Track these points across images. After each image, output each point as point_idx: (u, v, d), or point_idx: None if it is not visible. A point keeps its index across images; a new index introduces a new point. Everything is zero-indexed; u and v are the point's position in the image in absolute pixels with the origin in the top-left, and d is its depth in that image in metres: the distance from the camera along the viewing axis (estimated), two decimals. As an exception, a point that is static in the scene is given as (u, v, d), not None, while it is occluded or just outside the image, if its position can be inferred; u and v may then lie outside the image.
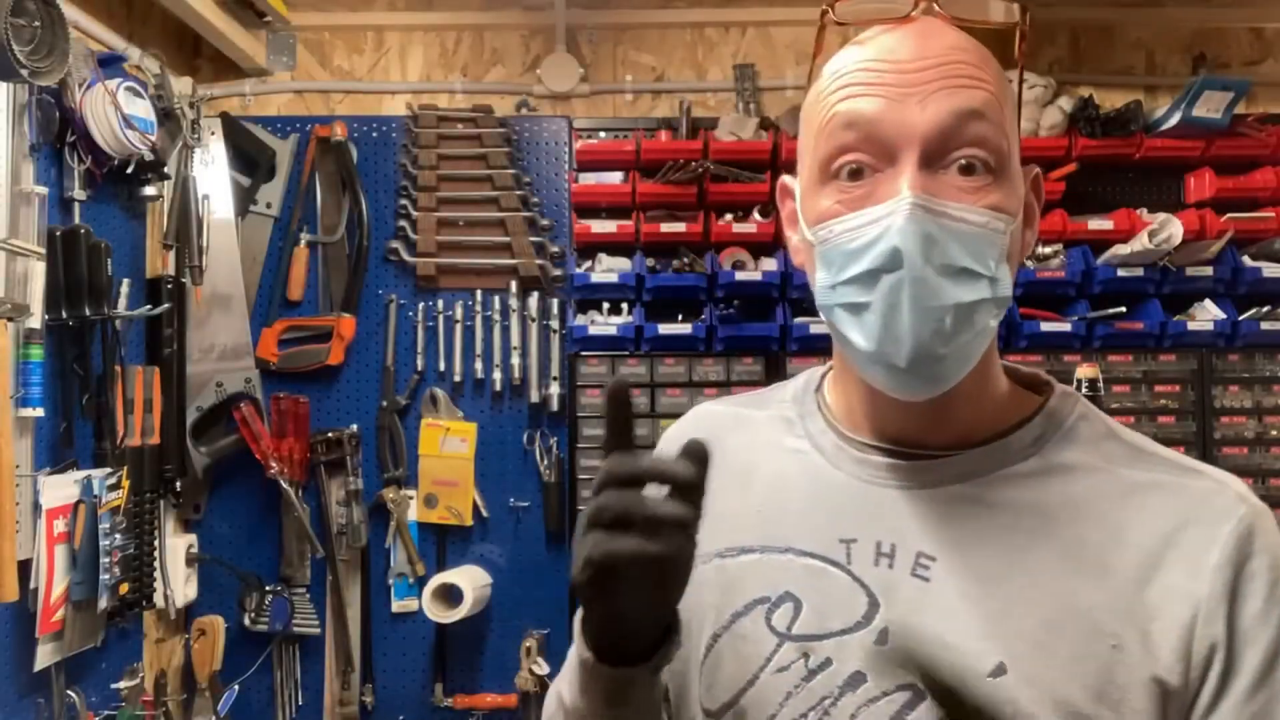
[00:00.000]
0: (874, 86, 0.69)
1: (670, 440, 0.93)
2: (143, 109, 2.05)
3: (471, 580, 2.41)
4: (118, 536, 1.99)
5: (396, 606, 2.52)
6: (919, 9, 0.73)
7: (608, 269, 2.49)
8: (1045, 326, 2.42)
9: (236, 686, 2.44)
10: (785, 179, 0.81)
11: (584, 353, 2.46)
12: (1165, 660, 0.67)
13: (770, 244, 2.48)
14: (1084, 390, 1.90)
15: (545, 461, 2.51)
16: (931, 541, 0.73)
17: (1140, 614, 0.68)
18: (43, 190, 1.84)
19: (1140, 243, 2.35)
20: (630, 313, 2.49)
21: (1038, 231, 0.77)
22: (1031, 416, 0.77)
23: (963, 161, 0.69)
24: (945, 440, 0.76)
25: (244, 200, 2.51)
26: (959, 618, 0.70)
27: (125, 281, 2.13)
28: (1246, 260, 2.45)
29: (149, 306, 2.21)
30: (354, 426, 2.51)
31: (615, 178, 2.56)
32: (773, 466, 0.82)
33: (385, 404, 2.52)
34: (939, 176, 0.69)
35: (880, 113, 0.69)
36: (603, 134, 2.61)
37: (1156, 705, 0.67)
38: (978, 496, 0.73)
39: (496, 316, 2.53)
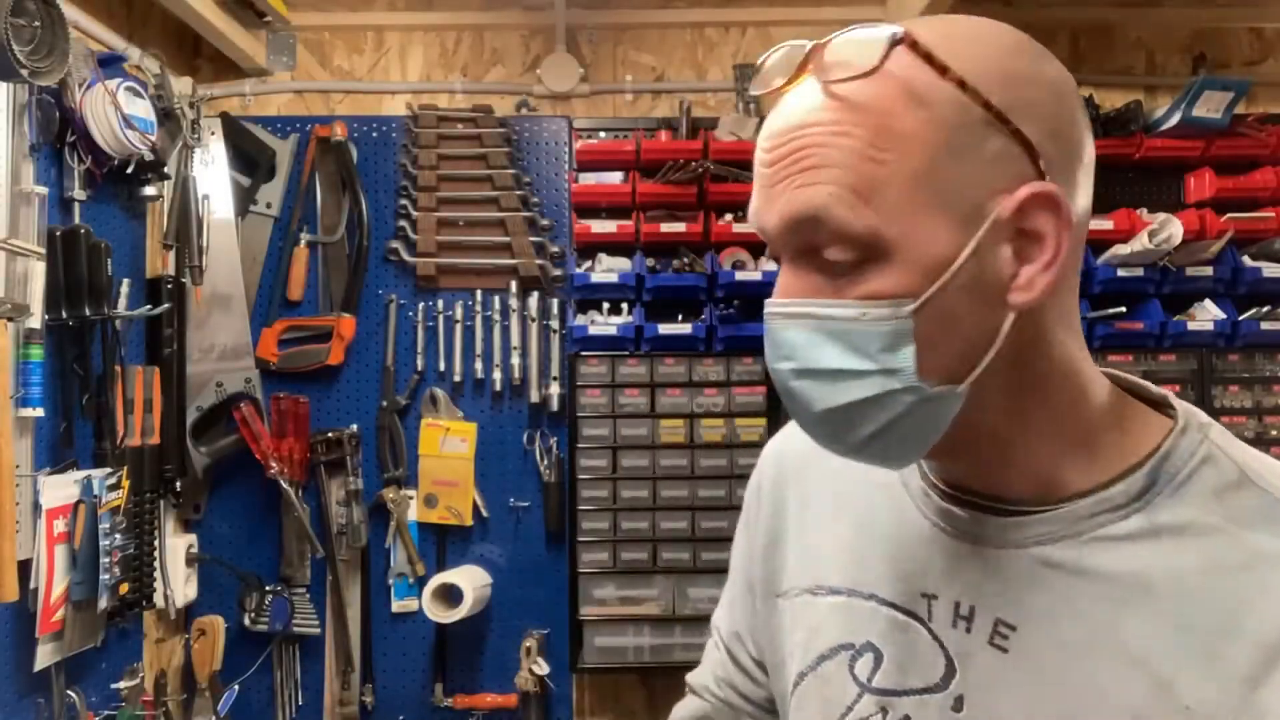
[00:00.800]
0: (760, 187, 0.67)
1: (762, 465, 0.93)
2: (143, 109, 2.05)
3: (471, 580, 2.41)
4: (118, 536, 1.99)
5: (396, 606, 2.52)
6: (802, 69, 0.65)
7: (608, 269, 2.49)
8: (1045, 326, 2.42)
9: (236, 686, 2.44)
10: None
11: (584, 353, 2.46)
12: None
13: (770, 244, 2.47)
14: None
15: (545, 461, 2.51)
16: (1012, 609, 0.66)
17: (1247, 718, 0.58)
18: (43, 190, 1.84)
19: (1140, 243, 2.35)
20: (630, 313, 2.49)
21: (1054, 265, 0.62)
22: (1144, 461, 0.65)
23: (825, 257, 0.63)
24: (1027, 491, 0.67)
25: (244, 200, 2.51)
26: (1038, 700, 0.64)
27: (125, 281, 2.13)
28: (1246, 260, 2.45)
29: (149, 306, 2.21)
30: (354, 426, 2.51)
31: (615, 178, 2.56)
32: (862, 500, 0.79)
33: (385, 404, 2.53)
34: (817, 268, 0.64)
35: (755, 214, 0.68)
36: (603, 134, 2.61)
37: None
38: (1068, 562, 0.65)
39: (496, 316, 2.53)
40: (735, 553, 0.95)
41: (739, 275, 2.40)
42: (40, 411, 1.80)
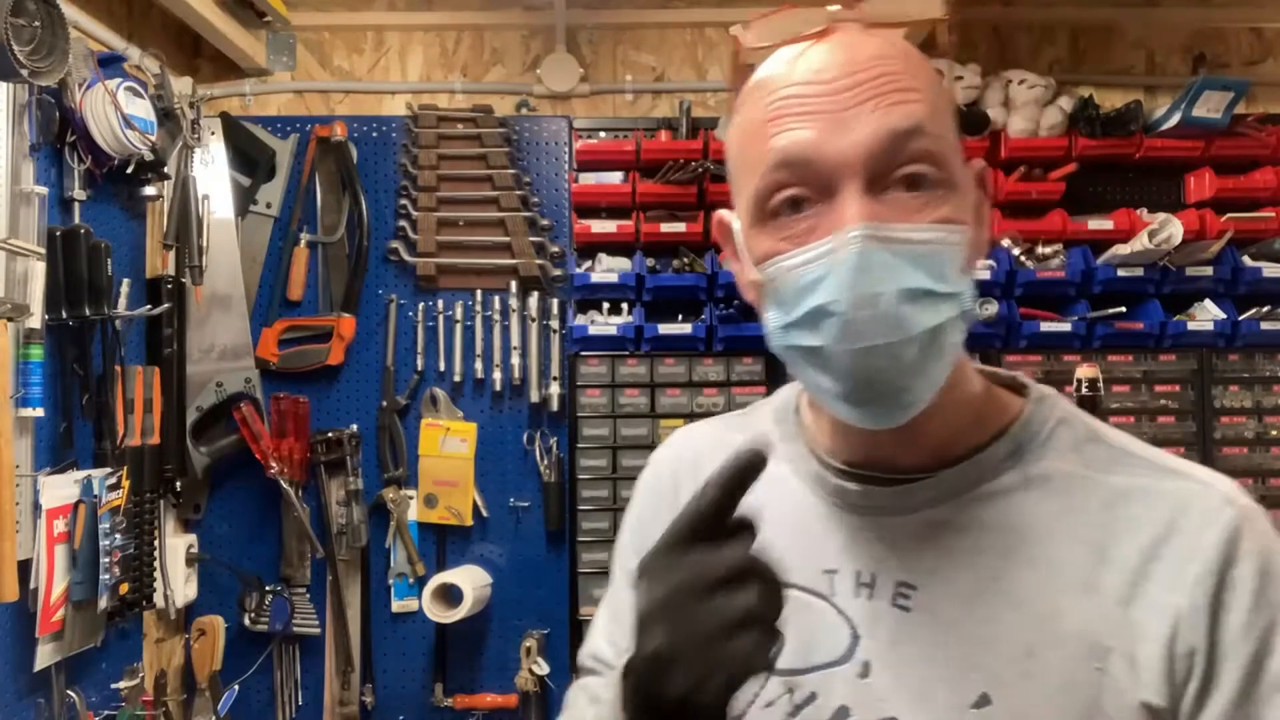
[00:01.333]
0: (804, 116, 0.65)
1: (659, 465, 0.92)
2: (143, 109, 2.05)
3: (471, 580, 2.41)
4: (118, 536, 1.99)
5: (396, 606, 2.52)
6: (833, 22, 0.68)
7: (608, 269, 2.49)
8: (1045, 326, 2.42)
9: (236, 686, 2.44)
10: (722, 214, 0.77)
11: (584, 353, 2.45)
12: (1152, 683, 0.64)
13: (770, 244, 2.47)
14: (1084, 390, 1.90)
15: (545, 461, 2.51)
16: (911, 570, 0.71)
17: (1127, 635, 0.65)
18: (43, 190, 1.84)
19: (1140, 243, 2.35)
20: (630, 313, 2.49)
21: (991, 227, 0.76)
22: (1008, 427, 0.73)
23: (908, 178, 0.65)
24: (918, 460, 0.73)
25: (244, 200, 2.51)
26: (941, 648, 0.68)
27: (125, 281, 2.13)
28: (1246, 260, 2.45)
29: (149, 306, 2.21)
30: (354, 426, 2.51)
31: (615, 178, 2.56)
32: (757, 494, 0.81)
33: (385, 404, 2.52)
34: (885, 197, 0.65)
35: (814, 144, 0.65)
36: (603, 134, 2.61)
37: None
38: (955, 519, 0.71)
39: (496, 316, 2.53)
40: (624, 555, 0.92)
41: (739, 275, 2.40)
42: (40, 411, 1.80)
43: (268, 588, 2.48)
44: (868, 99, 0.64)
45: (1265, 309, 2.43)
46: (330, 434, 2.49)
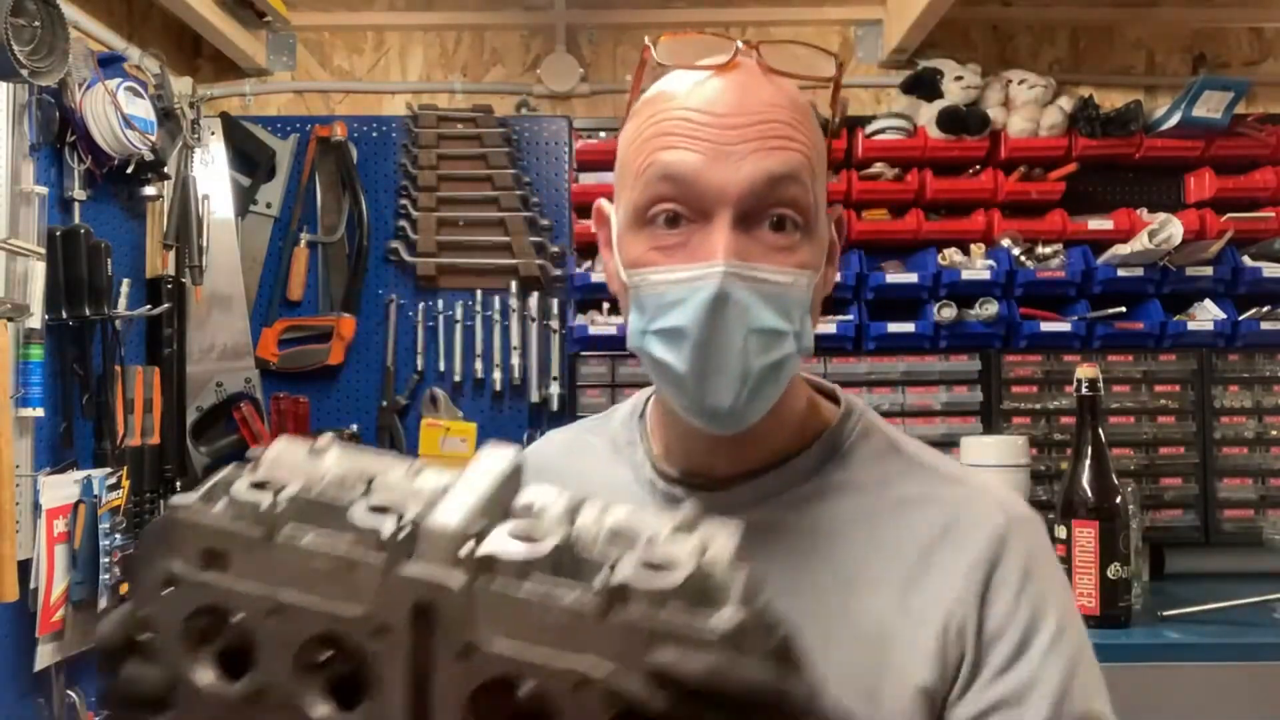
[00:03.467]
0: (693, 140, 0.70)
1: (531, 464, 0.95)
2: (143, 109, 2.05)
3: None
4: (118, 536, 1.99)
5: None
6: (737, 58, 0.73)
7: (608, 269, 2.49)
8: (1045, 326, 2.42)
9: (236, 686, 2.43)
10: (603, 203, 0.83)
11: (584, 353, 2.45)
12: (927, 664, 0.71)
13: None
14: (1084, 390, 1.90)
15: (545, 461, 2.50)
16: None
17: (904, 624, 0.72)
18: (43, 190, 1.84)
19: (1140, 243, 2.35)
20: (630, 313, 2.48)
21: (837, 268, 0.81)
22: (817, 437, 0.80)
23: (774, 218, 0.71)
24: (741, 468, 0.79)
25: (244, 200, 2.51)
26: None
27: (125, 281, 2.13)
28: (1246, 260, 2.45)
29: (149, 306, 2.20)
30: (354, 426, 2.51)
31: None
32: (606, 497, 0.84)
33: (385, 404, 2.53)
34: (752, 234, 0.70)
35: (697, 168, 0.70)
36: (603, 134, 2.61)
37: (925, 715, 0.70)
38: (766, 522, 0.76)
39: (496, 316, 2.53)
40: None
41: (739, 275, 2.39)
42: (40, 411, 1.80)
43: (268, 588, 2.48)
44: (752, 140, 0.70)
45: (1265, 309, 2.43)
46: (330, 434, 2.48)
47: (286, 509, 0.45)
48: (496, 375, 2.52)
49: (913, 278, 2.42)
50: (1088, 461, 1.88)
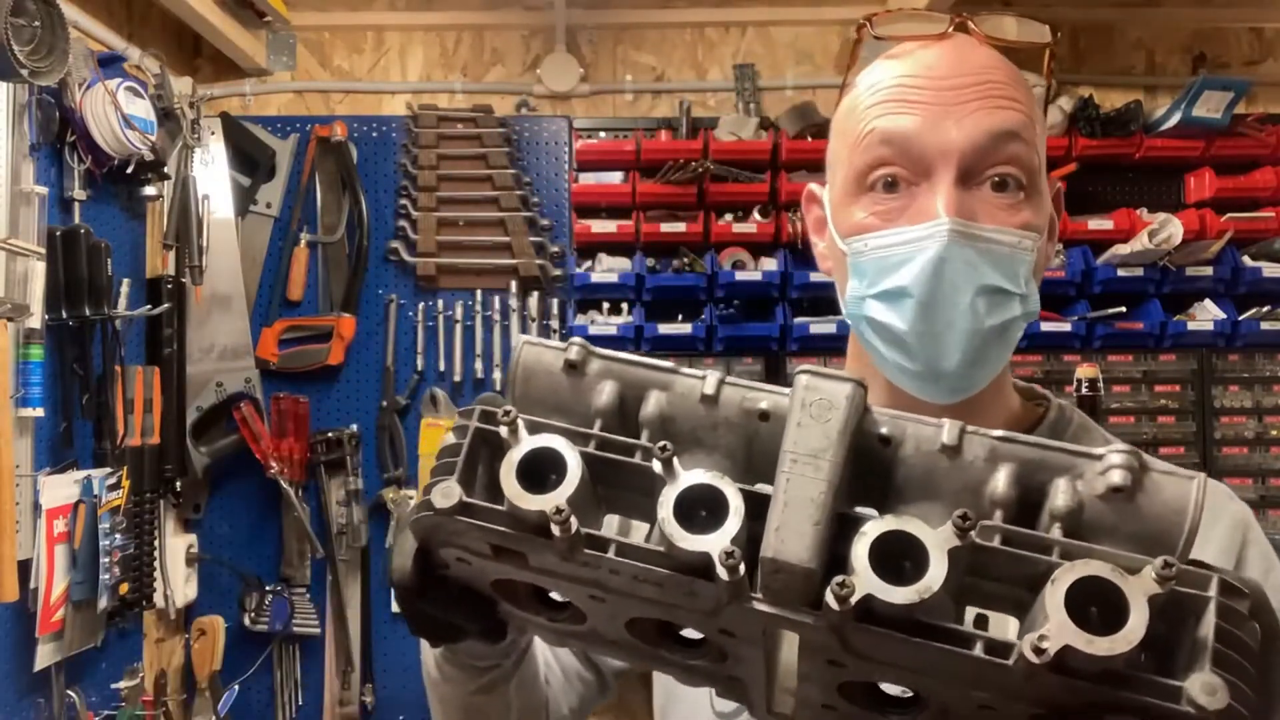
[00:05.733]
0: (912, 104, 0.70)
1: None
2: (143, 109, 2.05)
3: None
4: (118, 536, 1.99)
5: (396, 607, 2.52)
6: (953, 27, 0.74)
7: (608, 269, 2.49)
8: (1045, 326, 2.42)
9: (236, 686, 2.43)
10: (812, 187, 0.81)
11: (584, 353, 2.45)
12: None
13: (770, 244, 2.48)
14: (1084, 390, 1.91)
15: (545, 461, 2.50)
16: None
17: None
18: (43, 190, 1.84)
19: (1140, 243, 2.35)
20: (630, 313, 2.49)
21: (1057, 242, 0.79)
22: (1038, 424, 0.78)
23: (996, 178, 0.69)
24: None
25: (244, 200, 2.51)
26: None
27: (125, 281, 2.13)
28: (1246, 260, 2.45)
29: (149, 306, 2.21)
30: (354, 426, 2.51)
31: (615, 178, 2.56)
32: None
33: (385, 404, 2.52)
34: (973, 193, 0.69)
35: (918, 129, 0.69)
36: (603, 134, 2.61)
37: None
38: None
39: (496, 316, 2.53)
40: None
41: (739, 275, 2.40)
42: (40, 411, 1.80)
43: (268, 588, 2.48)
44: (972, 100, 0.69)
45: (1265, 309, 2.43)
46: (330, 434, 2.48)
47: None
48: (496, 375, 2.52)
49: (913, 278, 2.42)
50: (1088, 461, 1.87)
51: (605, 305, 2.51)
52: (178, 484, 2.33)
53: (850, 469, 0.46)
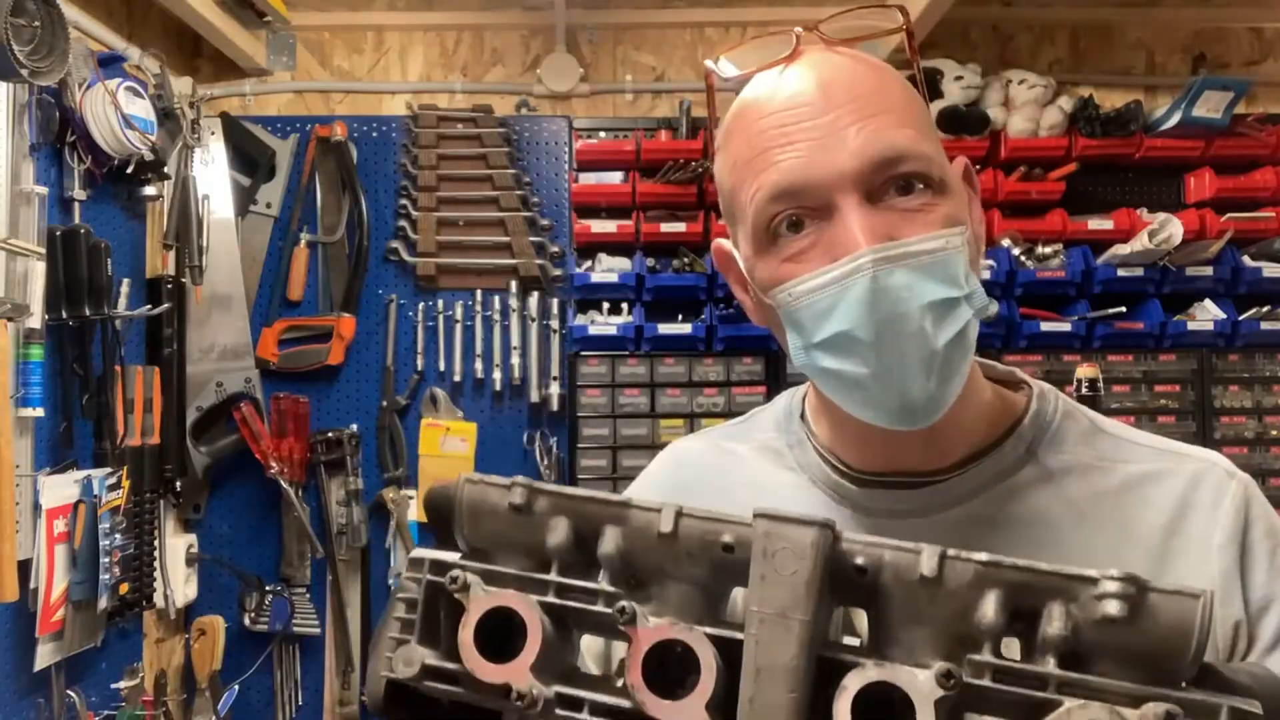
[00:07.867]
0: (790, 145, 0.66)
1: (649, 480, 0.90)
2: (143, 109, 2.05)
3: (471, 580, 2.41)
4: (118, 536, 1.99)
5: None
6: (799, 45, 0.70)
7: (608, 269, 2.49)
8: (1045, 326, 2.42)
9: (236, 686, 2.43)
10: (720, 243, 0.77)
11: (584, 353, 2.45)
12: None
13: (770, 244, 2.48)
14: (1084, 390, 1.90)
15: (545, 461, 2.51)
16: None
17: None
18: (43, 190, 1.84)
19: (1140, 243, 2.35)
20: (630, 313, 2.49)
21: (983, 220, 0.75)
22: (1018, 422, 0.75)
23: (901, 181, 0.66)
24: (938, 462, 0.73)
25: (244, 200, 2.51)
26: None
27: (125, 281, 2.13)
28: (1246, 260, 2.45)
29: (149, 306, 2.21)
30: (354, 426, 2.51)
31: (615, 178, 2.56)
32: (774, 504, 0.82)
33: (385, 404, 2.53)
34: (883, 207, 0.65)
35: (804, 168, 0.65)
36: (603, 134, 2.61)
37: None
38: (984, 516, 0.72)
39: (496, 316, 2.53)
40: None
41: (739, 275, 2.40)
42: (40, 411, 1.80)
43: (268, 588, 2.48)
44: (849, 124, 0.65)
45: (1265, 309, 2.43)
46: (330, 434, 2.48)
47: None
48: (496, 375, 2.52)
49: (913, 278, 2.42)
50: (1088, 461, 1.87)
51: (605, 305, 2.51)
52: (178, 484, 2.33)
53: (826, 598, 0.44)
